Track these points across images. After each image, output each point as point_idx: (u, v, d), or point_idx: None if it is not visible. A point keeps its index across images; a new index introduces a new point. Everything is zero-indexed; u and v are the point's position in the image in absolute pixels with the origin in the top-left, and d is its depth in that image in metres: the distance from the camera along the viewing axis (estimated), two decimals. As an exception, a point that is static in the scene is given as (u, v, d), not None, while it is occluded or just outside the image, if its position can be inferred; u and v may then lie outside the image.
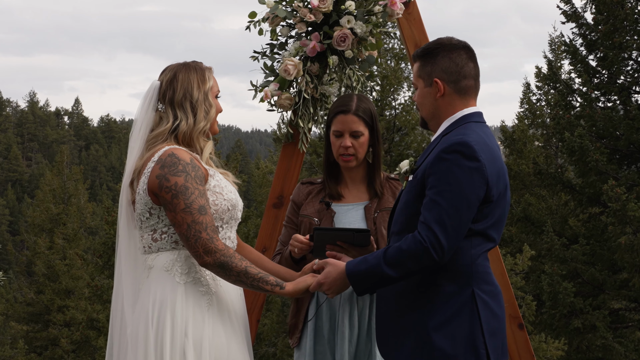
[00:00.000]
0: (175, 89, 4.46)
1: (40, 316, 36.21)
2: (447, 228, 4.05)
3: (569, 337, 21.26)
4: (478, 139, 4.18)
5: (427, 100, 4.39)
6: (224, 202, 4.46)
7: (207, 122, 4.48)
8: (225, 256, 4.25)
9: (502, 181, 4.25)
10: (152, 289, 4.32)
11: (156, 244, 4.37)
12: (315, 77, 5.95)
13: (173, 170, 4.26)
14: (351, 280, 4.27)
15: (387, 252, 4.16)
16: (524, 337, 6.10)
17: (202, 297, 4.34)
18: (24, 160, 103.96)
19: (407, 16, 6.17)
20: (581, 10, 22.41)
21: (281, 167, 6.12)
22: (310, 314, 5.19)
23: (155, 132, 4.46)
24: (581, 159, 20.38)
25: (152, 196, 4.32)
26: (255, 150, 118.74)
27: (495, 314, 4.27)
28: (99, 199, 64.41)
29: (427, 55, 4.37)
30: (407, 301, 4.26)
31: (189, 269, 4.36)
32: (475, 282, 4.21)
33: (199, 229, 4.23)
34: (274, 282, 4.34)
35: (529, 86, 32.68)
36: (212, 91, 4.54)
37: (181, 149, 4.37)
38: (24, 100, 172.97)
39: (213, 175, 4.48)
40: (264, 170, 28.70)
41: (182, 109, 4.44)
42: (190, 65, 4.54)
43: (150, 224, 4.38)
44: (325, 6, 5.79)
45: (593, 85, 21.88)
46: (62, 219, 38.19)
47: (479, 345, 4.17)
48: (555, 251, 21.20)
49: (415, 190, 4.25)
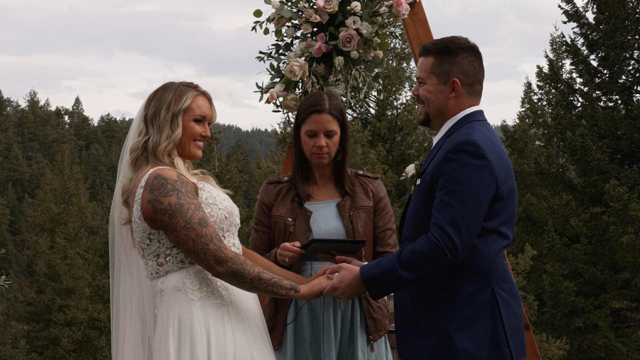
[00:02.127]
0: (151, 105, 4.48)
1: (41, 316, 36.25)
2: (459, 228, 4.05)
3: (571, 337, 21.28)
4: (483, 138, 4.19)
5: (437, 97, 4.37)
6: (220, 211, 4.43)
7: (169, 143, 4.42)
8: (237, 264, 4.24)
9: (509, 178, 4.26)
10: (170, 311, 4.29)
11: (162, 268, 4.34)
12: (321, 78, 5.95)
13: (163, 191, 4.23)
14: (366, 284, 4.27)
15: (401, 254, 4.16)
16: (529, 338, 6.09)
17: (219, 310, 4.32)
18: (24, 159, 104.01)
19: (413, 17, 6.17)
20: (582, 10, 22.44)
21: (287, 168, 6.10)
22: (290, 317, 5.15)
23: (133, 145, 4.49)
24: (583, 159, 20.39)
25: (149, 222, 4.29)
26: (255, 150, 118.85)
27: (515, 312, 4.28)
28: (100, 199, 64.47)
29: (446, 53, 4.35)
30: (426, 304, 4.27)
31: (200, 284, 4.32)
32: (494, 281, 4.22)
33: (204, 241, 4.21)
34: (288, 285, 4.33)
35: (530, 86, 32.72)
36: (188, 114, 4.47)
37: (165, 168, 4.34)
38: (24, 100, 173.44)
39: (203, 187, 4.43)
40: (265, 170, 28.66)
41: (152, 126, 4.44)
42: (174, 85, 4.52)
43: (152, 250, 4.35)
44: (330, 7, 5.79)
45: (594, 85, 21.91)
46: (62, 218, 38.19)
47: (502, 344, 4.18)
48: (556, 251, 21.22)
49: (424, 194, 4.25)
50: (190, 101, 4.48)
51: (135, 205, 4.32)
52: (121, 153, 4.60)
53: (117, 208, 4.54)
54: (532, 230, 23.89)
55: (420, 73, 4.43)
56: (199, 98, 4.52)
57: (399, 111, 26.02)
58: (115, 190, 4.58)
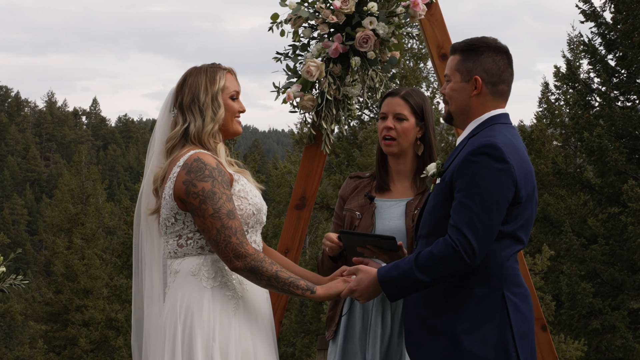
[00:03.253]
0: (185, 93, 4.50)
1: (59, 316, 36.38)
2: (478, 231, 4.04)
3: (588, 338, 21.20)
4: (505, 141, 4.17)
5: (460, 95, 4.36)
6: (249, 206, 4.46)
7: (214, 124, 4.47)
8: (256, 260, 4.26)
9: (530, 182, 4.24)
10: (180, 293, 4.33)
11: (182, 250, 4.38)
12: (338, 79, 5.95)
13: (200, 175, 4.27)
14: (383, 286, 4.26)
15: (418, 257, 4.15)
16: (547, 339, 6.08)
17: (229, 302, 4.34)
18: (42, 160, 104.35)
19: (430, 17, 6.16)
20: (600, 10, 22.37)
21: (303, 169, 6.11)
22: (345, 309, 5.19)
23: (169, 135, 4.50)
24: (600, 159, 20.33)
25: (178, 202, 4.32)
26: (272, 150, 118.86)
27: (525, 317, 4.26)
28: (117, 199, 64.57)
29: (471, 51, 4.35)
30: (436, 305, 4.25)
31: (216, 273, 4.35)
32: (505, 284, 4.20)
33: (228, 233, 4.23)
34: (304, 286, 4.33)
35: (548, 86, 32.61)
36: (225, 92, 4.54)
37: (207, 153, 4.38)
38: (42, 101, 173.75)
39: (238, 179, 4.48)
40: (282, 171, 28.72)
41: (191, 112, 4.47)
42: (202, 68, 4.57)
43: (175, 230, 4.38)
44: (347, 7, 5.79)
45: (612, 84, 21.83)
46: (80, 218, 38.33)
47: (509, 348, 4.16)
48: (574, 251, 21.15)
49: (443, 194, 4.24)
50: (224, 80, 4.55)
51: (168, 182, 4.36)
52: (149, 146, 4.62)
53: (144, 198, 4.57)
54: (550, 230, 23.82)
55: (447, 70, 4.44)
56: (229, 75, 4.60)
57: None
58: (143, 181, 4.61)
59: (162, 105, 4.60)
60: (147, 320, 4.59)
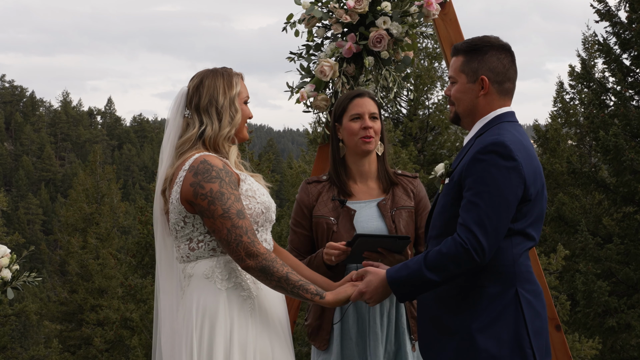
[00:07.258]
0: (201, 94, 4.47)
1: (74, 315, 36.44)
2: (487, 229, 4.04)
3: (604, 336, 21.18)
4: (513, 139, 4.17)
5: (467, 96, 4.36)
6: (257, 205, 4.45)
7: (231, 128, 4.47)
8: (267, 260, 4.25)
9: (539, 179, 4.24)
10: (195, 297, 4.32)
11: (194, 253, 4.37)
12: (351, 78, 5.95)
13: (207, 177, 4.27)
14: (393, 287, 4.25)
15: (427, 256, 4.15)
16: (561, 339, 6.07)
17: (245, 302, 4.34)
18: (57, 159, 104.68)
19: (443, 17, 6.16)
20: (615, 9, 22.33)
21: (317, 168, 6.11)
22: (336, 317, 5.16)
23: (183, 138, 4.47)
24: (615, 158, 20.29)
25: (186, 205, 4.32)
26: (287, 150, 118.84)
27: (538, 313, 4.25)
28: (132, 199, 64.74)
29: (474, 51, 4.35)
30: (449, 305, 4.25)
31: (229, 274, 4.35)
32: (518, 281, 4.20)
33: (239, 233, 4.23)
34: (314, 290, 4.31)
35: (562, 85, 32.55)
36: (240, 97, 4.53)
37: (212, 155, 4.37)
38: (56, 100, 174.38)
39: (244, 179, 4.47)
40: (297, 170, 28.69)
41: (208, 115, 4.45)
42: (218, 71, 4.55)
43: (186, 233, 4.38)
44: (361, 7, 5.79)
45: (627, 83, 21.79)
46: (95, 218, 38.40)
47: (524, 345, 4.15)
48: (589, 250, 21.12)
49: (452, 193, 4.24)
50: (240, 85, 4.55)
51: (175, 187, 4.35)
52: (162, 147, 4.59)
53: (158, 196, 4.56)
54: (565, 230, 23.77)
55: (451, 72, 4.44)
56: (242, 81, 4.60)
57: (431, 111, 25.97)
58: (157, 181, 4.60)
59: (172, 105, 4.57)
60: (162, 320, 4.59)
